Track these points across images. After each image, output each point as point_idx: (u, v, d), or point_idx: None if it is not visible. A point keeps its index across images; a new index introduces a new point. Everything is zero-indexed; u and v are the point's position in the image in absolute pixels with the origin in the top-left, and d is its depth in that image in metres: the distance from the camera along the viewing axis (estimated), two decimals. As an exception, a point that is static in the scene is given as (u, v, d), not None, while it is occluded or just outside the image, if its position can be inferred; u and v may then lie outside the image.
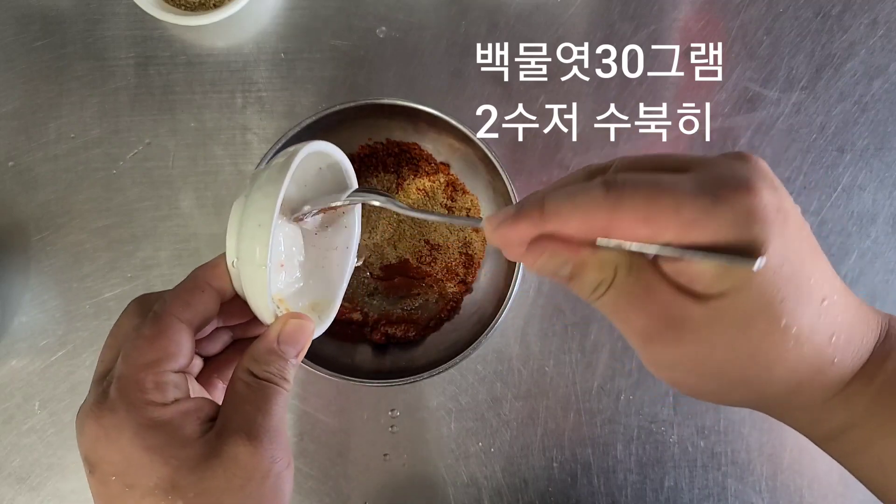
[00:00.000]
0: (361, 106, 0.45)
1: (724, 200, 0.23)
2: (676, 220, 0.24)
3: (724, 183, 0.24)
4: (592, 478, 0.50)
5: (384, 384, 0.45)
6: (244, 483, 0.30)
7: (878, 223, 0.51)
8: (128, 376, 0.30)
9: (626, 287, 0.26)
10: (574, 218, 0.25)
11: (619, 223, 0.24)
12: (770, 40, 0.52)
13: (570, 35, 0.52)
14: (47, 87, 0.52)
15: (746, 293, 0.24)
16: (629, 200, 0.24)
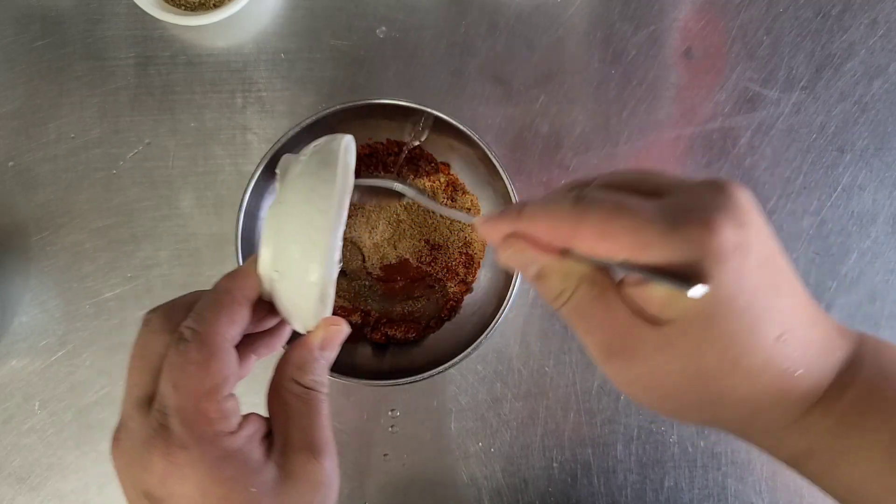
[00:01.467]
0: (361, 106, 0.45)
1: (679, 230, 0.24)
2: (632, 241, 0.25)
3: (686, 212, 0.25)
4: (592, 478, 0.50)
5: (384, 384, 0.45)
6: (313, 498, 0.30)
7: (878, 223, 0.51)
8: (188, 408, 0.28)
9: (586, 300, 0.27)
10: (542, 223, 0.27)
11: (581, 235, 0.26)
12: (770, 40, 0.52)
13: (570, 35, 0.52)
14: (47, 88, 0.52)
15: (695, 323, 0.25)
16: (592, 216, 0.26)
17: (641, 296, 0.26)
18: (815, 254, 0.51)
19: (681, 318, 0.25)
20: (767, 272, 0.25)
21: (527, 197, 0.52)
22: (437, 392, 0.51)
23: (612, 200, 0.26)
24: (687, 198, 0.26)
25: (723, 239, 0.24)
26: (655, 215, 0.25)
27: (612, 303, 0.27)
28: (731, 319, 0.25)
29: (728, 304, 0.25)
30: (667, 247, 0.24)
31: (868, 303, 0.51)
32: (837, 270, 0.51)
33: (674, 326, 0.25)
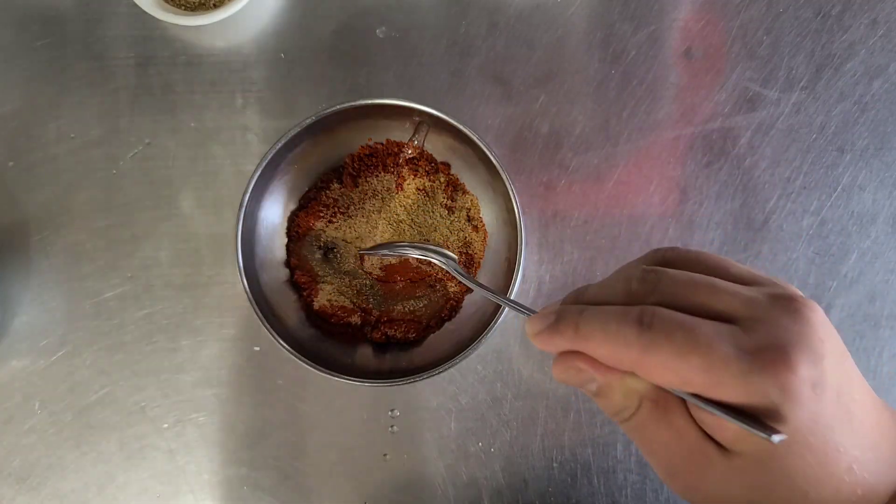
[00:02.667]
0: (361, 106, 0.45)
1: (757, 372, 0.24)
2: (705, 379, 0.24)
3: (764, 350, 0.24)
4: (592, 478, 0.50)
5: (384, 384, 0.45)
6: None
7: (878, 223, 0.51)
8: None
9: (650, 420, 0.27)
10: (604, 348, 0.26)
11: (648, 367, 0.25)
12: (770, 40, 0.52)
13: (570, 35, 0.52)
14: (47, 88, 0.52)
15: (768, 461, 0.25)
16: (662, 347, 0.25)
17: (713, 423, 0.26)
18: (815, 254, 0.51)
19: (753, 453, 0.25)
20: (841, 404, 0.25)
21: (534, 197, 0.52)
22: (437, 392, 0.51)
23: (684, 330, 0.25)
24: (763, 330, 0.25)
25: (801, 380, 0.24)
26: (731, 353, 0.24)
27: (678, 424, 0.26)
28: (804, 456, 0.25)
29: (802, 443, 0.25)
30: (743, 388, 0.24)
31: (868, 303, 0.51)
32: (837, 270, 0.51)
33: (746, 459, 0.25)
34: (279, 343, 0.44)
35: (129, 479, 0.51)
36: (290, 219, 0.50)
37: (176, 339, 0.51)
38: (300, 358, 0.44)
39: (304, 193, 0.50)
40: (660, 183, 0.52)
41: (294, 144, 0.46)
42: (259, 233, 0.48)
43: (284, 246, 0.50)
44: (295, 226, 0.50)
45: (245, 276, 0.44)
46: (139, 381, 0.51)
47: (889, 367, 0.51)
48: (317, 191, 0.50)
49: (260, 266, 0.47)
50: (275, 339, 0.44)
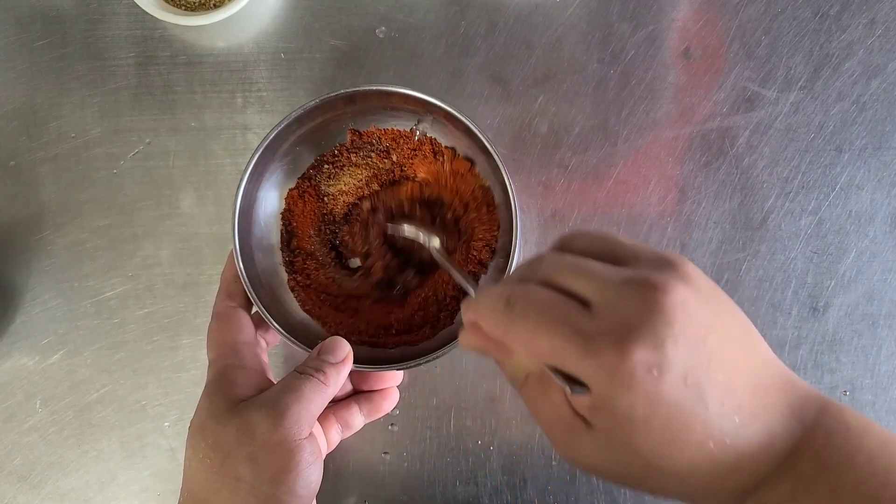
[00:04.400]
0: (363, 92, 0.45)
1: (592, 355, 0.26)
2: (552, 356, 0.27)
3: (602, 334, 0.26)
4: (591, 476, 0.50)
5: (372, 369, 0.44)
6: (256, 448, 0.35)
7: (875, 222, 0.52)
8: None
9: (536, 393, 0.30)
10: (485, 325, 0.29)
11: (512, 341, 0.28)
12: (768, 40, 0.52)
13: (568, 35, 0.53)
14: (48, 87, 0.52)
15: (617, 436, 0.27)
16: (518, 325, 0.28)
17: (573, 400, 0.28)
18: (813, 253, 0.51)
19: (603, 428, 0.27)
20: (689, 385, 0.26)
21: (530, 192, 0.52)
22: (437, 390, 0.51)
23: (538, 308, 0.27)
24: (611, 314, 0.26)
25: (633, 362, 0.25)
26: (575, 334, 0.26)
27: (555, 397, 0.29)
28: (649, 436, 0.26)
29: (644, 424, 0.26)
30: (580, 365, 0.26)
31: (866, 302, 0.51)
32: (835, 270, 0.51)
33: (601, 432, 0.27)
34: (272, 324, 0.43)
35: (129, 478, 0.51)
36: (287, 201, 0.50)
37: (177, 337, 0.51)
38: (294, 341, 0.43)
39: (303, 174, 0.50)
40: (658, 182, 0.52)
41: (294, 129, 0.46)
42: (256, 225, 0.48)
43: (279, 231, 0.50)
44: (288, 211, 0.50)
45: (241, 260, 0.44)
46: (140, 380, 0.51)
47: (887, 365, 0.51)
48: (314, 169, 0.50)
49: (257, 246, 0.47)
50: (265, 316, 0.43)
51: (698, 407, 0.26)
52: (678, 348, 0.25)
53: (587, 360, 0.26)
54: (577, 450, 0.29)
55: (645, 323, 0.25)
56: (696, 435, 0.26)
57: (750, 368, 0.28)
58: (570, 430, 0.28)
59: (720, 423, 0.26)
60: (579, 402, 0.27)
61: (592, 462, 0.29)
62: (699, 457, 0.26)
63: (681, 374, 0.26)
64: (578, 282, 0.28)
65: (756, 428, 0.27)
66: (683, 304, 0.26)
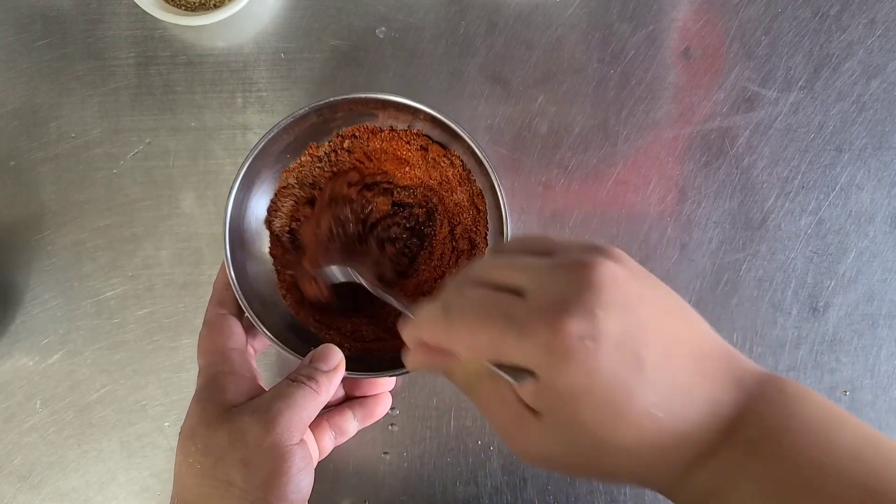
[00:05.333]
0: (353, 100, 0.45)
1: (526, 337, 0.26)
2: (493, 349, 0.28)
3: (535, 314, 0.26)
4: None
5: (373, 375, 0.44)
6: (248, 452, 0.36)
7: (875, 222, 0.52)
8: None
9: (486, 395, 0.30)
10: (425, 333, 0.30)
11: (453, 343, 0.29)
12: (768, 40, 0.52)
13: (568, 35, 0.53)
14: (48, 87, 0.52)
15: (562, 414, 0.27)
16: (457, 326, 0.28)
17: (520, 391, 0.28)
18: (813, 253, 0.51)
19: (549, 410, 0.28)
20: (626, 352, 0.26)
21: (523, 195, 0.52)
22: (437, 391, 0.51)
23: (475, 306, 0.28)
24: (542, 295, 0.27)
25: (566, 335, 0.25)
26: (510, 322, 0.27)
27: (507, 397, 0.29)
28: (591, 407, 0.26)
29: (585, 395, 0.26)
30: (519, 351, 0.27)
31: (866, 302, 0.51)
32: (835, 270, 0.51)
33: (547, 417, 0.28)
34: (263, 332, 0.43)
35: (130, 478, 0.51)
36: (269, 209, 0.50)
37: (177, 337, 0.51)
38: (286, 349, 0.43)
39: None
40: (658, 182, 0.52)
41: (286, 136, 0.46)
42: (248, 225, 0.47)
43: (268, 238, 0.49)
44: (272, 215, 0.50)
45: (233, 267, 0.44)
46: (140, 380, 0.51)
47: (887, 365, 0.51)
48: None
49: (248, 254, 0.47)
50: (257, 324, 0.43)
51: (637, 373, 0.26)
52: (609, 317, 0.26)
53: (524, 343, 0.26)
54: (528, 442, 0.29)
55: (574, 297, 0.26)
56: (638, 403, 0.27)
57: (689, 338, 0.29)
58: (519, 424, 0.29)
59: (662, 389, 0.27)
60: (525, 391, 0.28)
61: (544, 451, 0.29)
62: (645, 427, 0.27)
63: (615, 342, 0.26)
64: (511, 275, 0.29)
65: (700, 395, 0.28)
66: (612, 277, 0.27)
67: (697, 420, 0.28)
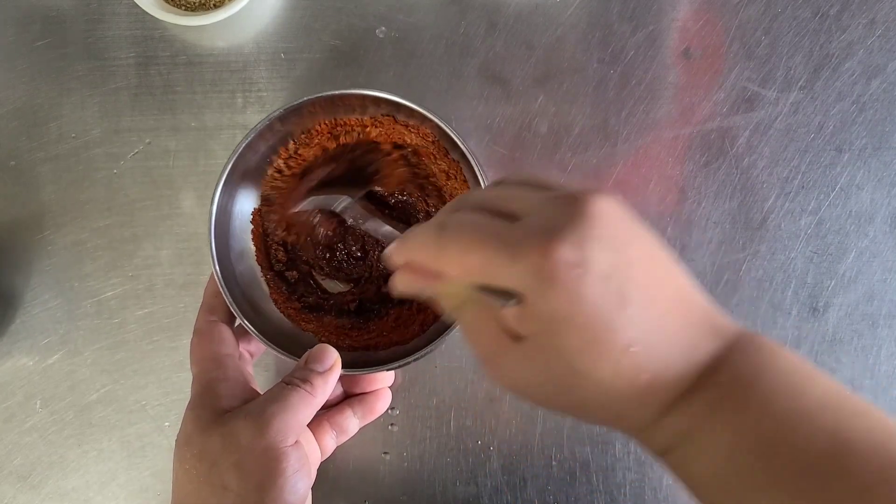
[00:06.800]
0: (337, 96, 0.45)
1: (517, 257, 0.26)
2: (483, 270, 0.28)
3: (527, 237, 0.27)
4: (591, 476, 0.50)
5: (369, 371, 0.44)
6: (242, 455, 0.36)
7: (875, 222, 0.52)
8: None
9: (470, 318, 0.31)
10: (416, 252, 0.30)
11: (443, 263, 0.29)
12: (768, 40, 0.52)
13: (568, 35, 0.53)
14: (48, 87, 0.52)
15: (543, 339, 0.28)
16: (450, 246, 0.29)
17: (504, 315, 0.29)
18: (814, 253, 0.51)
19: (530, 335, 0.28)
20: (612, 286, 0.27)
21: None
22: (437, 390, 0.51)
23: (469, 228, 0.28)
24: (537, 220, 0.27)
25: (555, 260, 0.26)
26: (502, 244, 0.27)
27: (489, 321, 0.30)
28: (572, 335, 0.27)
29: (568, 322, 0.26)
30: (509, 273, 0.27)
31: (866, 302, 0.51)
32: (835, 270, 0.51)
33: (527, 343, 0.28)
34: (257, 336, 0.43)
35: (130, 478, 0.51)
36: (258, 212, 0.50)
37: (177, 337, 0.51)
38: (280, 351, 0.43)
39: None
40: (658, 182, 0.52)
41: (267, 138, 0.46)
42: (233, 227, 0.47)
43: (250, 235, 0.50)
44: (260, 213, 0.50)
45: (221, 273, 0.44)
46: (140, 380, 0.51)
47: (887, 365, 0.51)
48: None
49: (236, 259, 0.47)
50: (249, 329, 0.43)
51: (620, 307, 0.27)
52: (600, 249, 0.26)
53: (514, 265, 0.26)
54: (505, 366, 0.30)
55: (568, 225, 0.26)
56: (618, 337, 0.27)
57: (673, 286, 0.29)
58: (499, 348, 0.29)
59: (642, 328, 0.27)
60: (510, 312, 0.28)
61: (521, 376, 0.29)
62: (622, 363, 0.27)
63: (603, 274, 0.26)
64: (508, 202, 0.29)
65: (679, 339, 0.28)
66: (606, 212, 0.27)
67: (674, 363, 0.28)
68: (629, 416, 0.29)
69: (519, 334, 0.28)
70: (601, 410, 0.29)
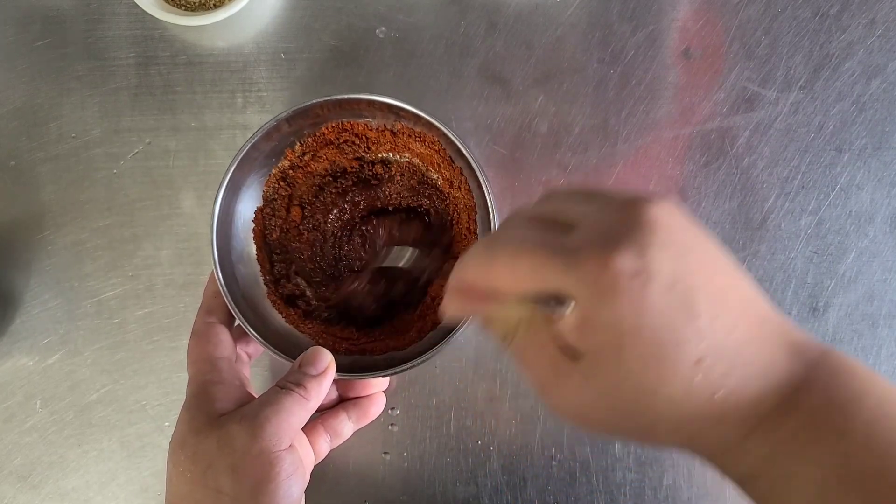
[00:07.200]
0: (341, 100, 0.45)
1: (574, 266, 0.25)
2: (534, 279, 0.26)
3: (585, 246, 0.25)
4: (591, 476, 0.50)
5: (364, 376, 0.44)
6: (236, 459, 0.36)
7: (875, 222, 0.52)
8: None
9: (524, 342, 0.28)
10: (469, 273, 0.29)
11: (494, 277, 0.27)
12: (768, 40, 0.52)
13: (568, 35, 0.53)
14: (48, 87, 0.52)
15: (606, 356, 0.25)
16: (501, 257, 0.27)
17: (561, 328, 0.26)
18: (814, 253, 0.51)
19: (591, 351, 0.26)
20: (677, 295, 0.25)
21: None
22: (437, 391, 0.51)
23: (520, 239, 0.27)
24: (593, 228, 0.26)
25: (617, 270, 0.24)
26: (556, 252, 0.25)
27: (542, 340, 0.27)
28: (638, 349, 0.25)
29: (634, 335, 0.25)
30: (565, 283, 0.25)
31: (866, 302, 0.51)
32: (835, 270, 0.51)
33: (588, 360, 0.26)
34: (255, 337, 0.43)
35: (130, 478, 0.51)
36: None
37: (177, 337, 0.51)
38: (277, 353, 0.43)
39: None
40: (658, 182, 0.52)
41: (272, 139, 0.46)
42: (236, 226, 0.47)
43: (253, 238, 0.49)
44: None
45: (222, 273, 0.44)
46: (140, 380, 0.51)
47: (887, 366, 0.51)
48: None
49: (237, 259, 0.47)
50: (248, 330, 0.43)
51: (688, 319, 0.25)
52: (662, 256, 0.25)
53: (570, 274, 0.25)
54: (565, 392, 0.27)
55: (627, 232, 0.25)
56: (688, 351, 0.25)
57: (742, 296, 0.27)
58: (557, 371, 0.27)
59: (714, 341, 0.25)
60: (568, 323, 0.26)
61: (582, 402, 0.27)
62: (694, 379, 0.25)
63: (667, 281, 0.25)
64: (561, 214, 0.28)
65: (755, 354, 0.26)
66: (667, 218, 0.26)
67: (752, 379, 0.26)
68: (705, 437, 0.27)
69: (578, 352, 0.26)
70: (674, 432, 0.27)
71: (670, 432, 0.27)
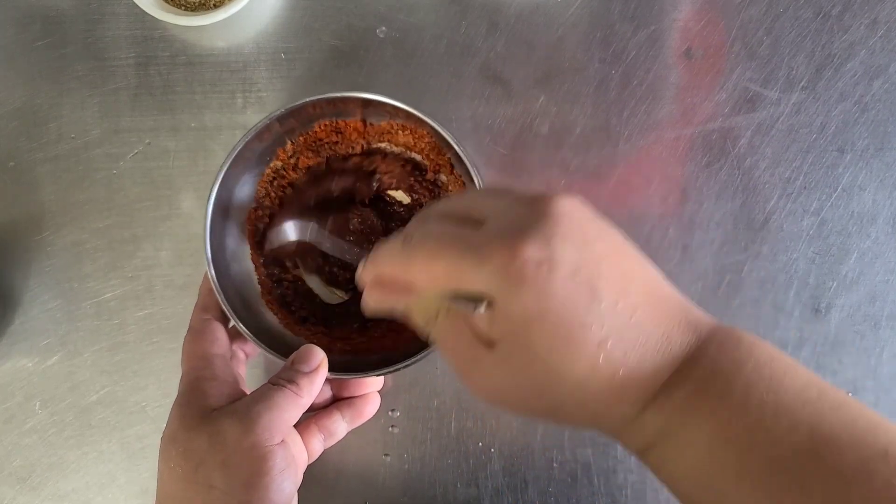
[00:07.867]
0: (333, 99, 0.45)
1: (485, 260, 0.26)
2: (451, 276, 0.28)
3: (494, 239, 0.27)
4: (592, 478, 0.50)
5: (357, 376, 0.44)
6: (228, 454, 0.36)
7: (878, 223, 0.51)
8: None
9: (443, 330, 0.30)
10: (384, 267, 0.30)
11: (412, 274, 0.29)
12: (770, 40, 0.52)
13: (570, 35, 0.52)
14: (48, 88, 0.52)
15: (516, 342, 0.27)
16: (418, 256, 0.29)
17: (475, 321, 0.28)
18: (815, 254, 0.51)
19: (503, 338, 0.28)
20: (580, 281, 0.26)
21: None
22: (438, 392, 0.51)
23: (435, 235, 0.28)
24: (502, 222, 0.28)
25: (522, 259, 0.26)
26: (468, 247, 0.27)
27: (461, 331, 0.29)
28: (545, 333, 0.27)
29: (539, 320, 0.26)
30: (477, 277, 0.27)
31: (868, 303, 0.51)
32: (837, 271, 0.51)
33: (501, 347, 0.28)
34: (248, 335, 0.43)
35: (130, 479, 0.51)
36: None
37: (177, 338, 0.51)
38: (270, 352, 0.43)
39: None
40: (660, 183, 0.52)
41: (265, 138, 0.46)
42: (229, 229, 0.47)
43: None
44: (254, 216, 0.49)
45: (215, 272, 0.44)
46: (140, 381, 0.51)
47: (889, 367, 0.51)
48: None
49: (231, 257, 0.47)
50: (241, 328, 0.43)
51: (591, 303, 0.27)
52: (566, 246, 0.26)
53: (481, 268, 0.26)
54: (481, 375, 0.29)
55: (533, 224, 0.27)
56: (592, 333, 0.27)
57: (644, 280, 0.29)
58: (474, 356, 0.29)
59: (615, 323, 0.27)
60: (481, 317, 0.28)
61: (497, 383, 0.29)
62: (598, 359, 0.27)
63: (570, 270, 0.26)
64: (472, 209, 0.29)
65: (654, 333, 0.28)
66: (570, 212, 0.27)
67: (650, 357, 0.28)
68: (608, 414, 0.29)
69: (492, 339, 0.28)
70: (579, 410, 0.29)
71: (577, 411, 0.29)
